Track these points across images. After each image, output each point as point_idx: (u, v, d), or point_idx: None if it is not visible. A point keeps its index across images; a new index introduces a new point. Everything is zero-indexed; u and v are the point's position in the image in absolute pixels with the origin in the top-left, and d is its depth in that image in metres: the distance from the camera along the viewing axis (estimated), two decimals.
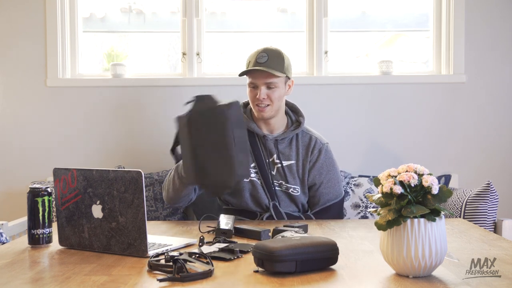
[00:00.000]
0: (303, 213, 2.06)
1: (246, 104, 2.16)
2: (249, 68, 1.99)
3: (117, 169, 1.37)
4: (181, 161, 1.89)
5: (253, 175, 2.03)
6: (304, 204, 2.06)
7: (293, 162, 2.04)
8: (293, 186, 2.02)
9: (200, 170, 1.72)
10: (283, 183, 2.02)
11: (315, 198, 2.05)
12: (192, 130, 1.73)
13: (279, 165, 2.03)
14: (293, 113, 2.13)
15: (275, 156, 2.03)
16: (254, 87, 2.01)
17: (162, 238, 1.54)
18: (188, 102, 1.79)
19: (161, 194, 2.62)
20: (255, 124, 2.06)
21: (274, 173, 2.03)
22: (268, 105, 2.00)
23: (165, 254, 1.22)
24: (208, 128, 1.72)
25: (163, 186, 2.02)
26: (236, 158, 1.69)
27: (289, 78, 2.05)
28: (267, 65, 1.96)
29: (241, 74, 2.03)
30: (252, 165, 2.03)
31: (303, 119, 2.09)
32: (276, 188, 2.02)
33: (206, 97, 1.77)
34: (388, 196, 1.12)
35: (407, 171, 1.13)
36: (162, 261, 1.20)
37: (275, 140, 2.04)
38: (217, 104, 1.73)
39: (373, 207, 2.51)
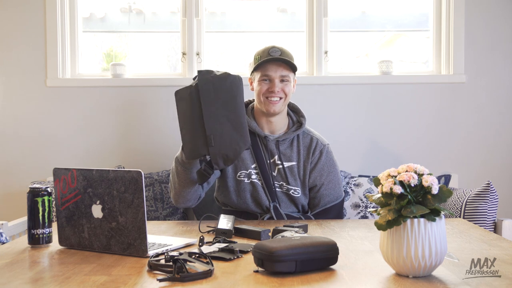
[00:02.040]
0: (303, 214, 2.05)
1: (246, 104, 2.16)
2: (266, 59, 1.98)
3: (117, 169, 1.37)
4: (178, 152, 1.90)
5: (253, 176, 2.02)
6: (304, 205, 2.05)
7: (294, 163, 2.04)
8: (293, 188, 2.02)
9: (209, 139, 1.79)
10: (284, 184, 2.02)
11: (315, 200, 2.05)
12: (199, 100, 1.78)
13: (280, 166, 2.02)
14: (294, 114, 2.12)
15: (276, 157, 2.03)
16: (267, 80, 2.00)
17: (162, 238, 1.53)
18: (194, 78, 1.83)
19: (161, 194, 2.62)
20: (256, 124, 2.06)
21: (275, 174, 2.02)
22: (280, 98, 2.00)
23: (165, 254, 1.22)
24: (217, 96, 1.79)
25: (169, 187, 2.02)
26: (246, 126, 1.82)
27: (294, 76, 2.08)
28: (282, 57, 1.98)
29: (257, 66, 2.00)
30: (253, 165, 2.03)
31: (304, 120, 2.09)
32: (277, 189, 2.02)
33: (210, 71, 1.83)
34: (388, 196, 1.12)
35: (407, 171, 1.13)
36: (162, 261, 1.20)
37: (277, 141, 2.04)
38: (226, 74, 1.81)
39: (373, 207, 2.51)
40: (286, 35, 3.11)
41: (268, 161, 2.02)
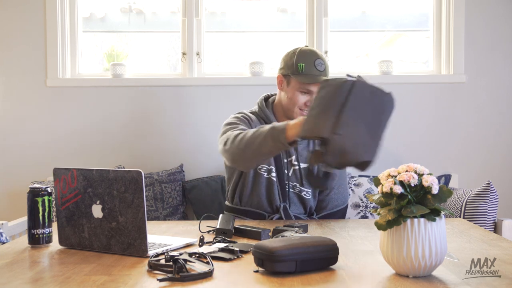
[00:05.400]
0: (309, 216, 2.04)
1: (267, 97, 2.11)
2: (311, 74, 1.92)
3: (117, 169, 1.37)
4: (276, 124, 1.72)
5: (273, 173, 1.99)
6: (312, 207, 2.04)
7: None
8: (306, 190, 2.01)
9: (339, 125, 1.49)
10: (297, 185, 2.00)
11: (323, 203, 2.04)
12: (350, 92, 1.53)
13: (297, 167, 2.00)
14: None
15: (293, 157, 2.01)
16: (306, 92, 1.95)
17: (162, 238, 1.53)
18: (349, 75, 1.58)
19: (161, 194, 2.62)
20: (277, 121, 1.97)
21: (290, 174, 2.01)
22: None
23: (165, 254, 1.22)
24: (369, 100, 1.57)
25: (225, 142, 1.81)
26: (380, 142, 1.57)
27: None
28: (326, 74, 1.96)
29: (307, 81, 1.92)
30: (270, 165, 2.00)
31: None
32: (290, 189, 2.01)
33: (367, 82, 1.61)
34: (388, 196, 1.12)
35: (407, 171, 1.13)
36: (162, 261, 1.20)
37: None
38: (385, 90, 1.60)
39: (373, 207, 2.51)
40: (286, 35, 3.11)
41: (285, 160, 2.01)
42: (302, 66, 1.94)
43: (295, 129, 1.64)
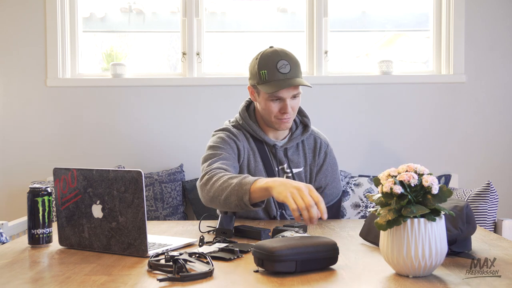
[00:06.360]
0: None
1: (248, 105, 2.02)
2: (275, 80, 1.80)
3: (117, 169, 1.37)
4: (245, 180, 1.64)
5: None
6: None
7: (301, 169, 1.99)
8: None
9: None
10: None
11: None
12: None
13: (290, 174, 1.97)
14: (297, 114, 2.03)
15: (285, 165, 1.97)
16: (278, 99, 1.85)
17: (162, 238, 1.53)
18: None
19: (161, 194, 2.62)
20: (263, 132, 1.96)
21: None
22: (290, 117, 1.88)
23: (165, 254, 1.22)
24: None
25: (206, 189, 1.74)
26: None
27: None
28: (292, 75, 1.83)
29: (271, 91, 1.80)
30: (261, 176, 1.96)
31: (308, 121, 2.01)
32: None
33: None
34: (388, 196, 1.12)
35: (407, 171, 1.13)
36: (162, 261, 1.20)
37: (285, 148, 1.98)
38: None
39: (373, 207, 2.50)
40: (286, 35, 3.11)
41: (277, 168, 1.97)
42: (264, 73, 1.82)
43: (261, 192, 1.58)
